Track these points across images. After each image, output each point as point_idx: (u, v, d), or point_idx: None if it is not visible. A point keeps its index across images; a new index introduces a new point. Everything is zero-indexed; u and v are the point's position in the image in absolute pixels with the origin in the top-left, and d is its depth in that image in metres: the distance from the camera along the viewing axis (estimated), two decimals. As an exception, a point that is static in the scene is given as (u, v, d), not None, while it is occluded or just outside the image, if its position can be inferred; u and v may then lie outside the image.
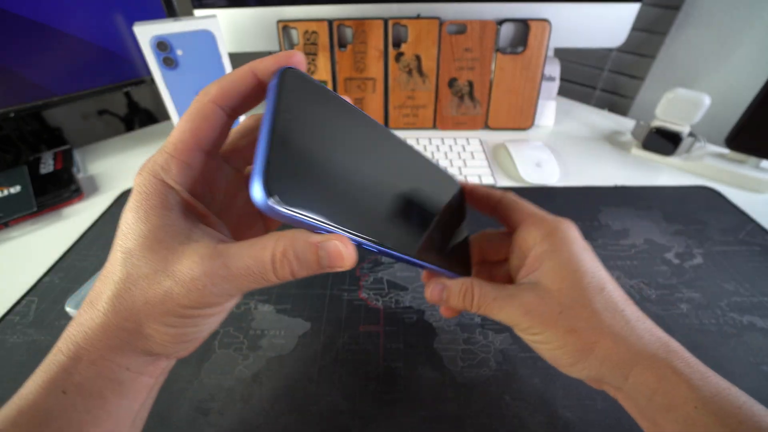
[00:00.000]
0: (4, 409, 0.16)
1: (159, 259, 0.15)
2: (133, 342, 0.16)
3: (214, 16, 0.51)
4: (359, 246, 0.17)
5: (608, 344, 0.19)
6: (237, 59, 0.58)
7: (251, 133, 0.20)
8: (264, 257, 0.15)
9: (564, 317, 0.19)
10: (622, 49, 0.77)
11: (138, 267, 0.15)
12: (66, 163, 0.56)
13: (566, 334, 0.19)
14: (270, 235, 0.16)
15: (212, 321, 0.17)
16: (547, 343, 0.20)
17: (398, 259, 0.19)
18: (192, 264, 0.15)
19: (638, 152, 0.59)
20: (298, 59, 0.17)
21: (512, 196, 0.24)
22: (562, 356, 0.20)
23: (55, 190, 0.50)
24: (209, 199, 0.18)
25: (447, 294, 0.22)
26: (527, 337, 0.21)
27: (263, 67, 0.16)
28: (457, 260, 0.24)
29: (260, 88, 0.17)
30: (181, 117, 0.16)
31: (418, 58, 0.61)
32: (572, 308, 0.19)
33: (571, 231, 0.21)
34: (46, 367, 0.16)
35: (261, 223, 0.21)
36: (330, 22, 0.58)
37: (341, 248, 0.16)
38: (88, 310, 0.16)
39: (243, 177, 0.20)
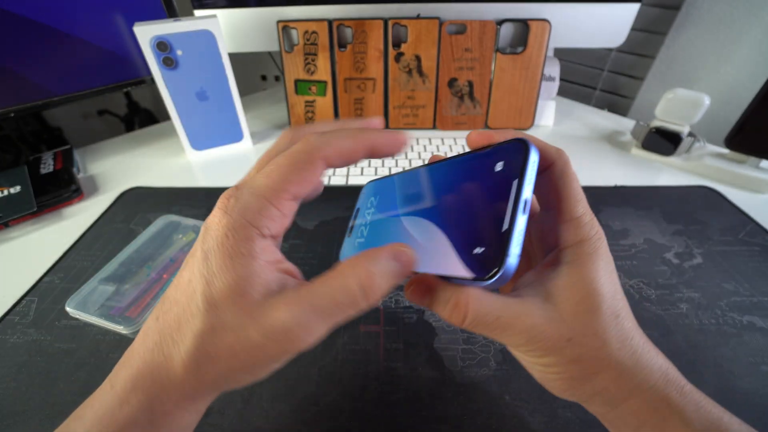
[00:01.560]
0: None
1: (246, 314, 0.15)
2: (209, 390, 0.16)
3: (214, 16, 0.51)
4: None
5: (610, 376, 0.17)
6: (237, 59, 0.58)
7: None
8: (349, 284, 0.15)
9: (572, 345, 0.17)
10: (622, 49, 0.77)
11: (224, 320, 0.15)
12: (66, 163, 0.56)
13: (570, 362, 0.17)
14: (342, 267, 0.16)
15: None
16: (545, 366, 0.18)
17: None
18: (281, 315, 0.15)
19: (638, 152, 0.59)
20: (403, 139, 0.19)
21: (566, 165, 0.19)
22: (556, 381, 0.18)
23: (55, 190, 0.50)
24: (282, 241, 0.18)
25: (430, 299, 0.18)
26: (523, 356, 0.19)
27: (380, 142, 0.18)
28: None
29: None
30: (283, 160, 0.17)
31: (418, 58, 0.61)
32: (583, 336, 0.17)
33: (602, 244, 0.19)
34: (110, 415, 0.15)
35: None
36: (330, 22, 0.58)
37: (402, 247, 0.17)
38: (159, 355, 0.16)
39: None
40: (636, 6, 0.58)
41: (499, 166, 0.18)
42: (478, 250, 0.16)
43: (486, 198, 0.17)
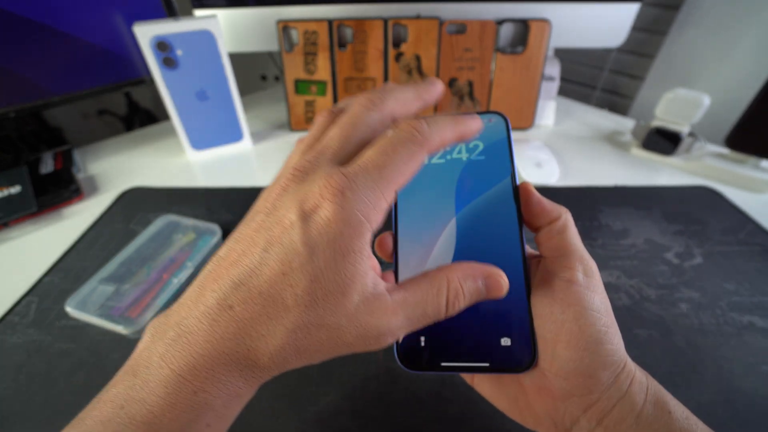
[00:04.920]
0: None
1: (345, 316, 0.15)
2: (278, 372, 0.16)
3: (214, 16, 0.51)
4: None
5: (620, 358, 0.18)
6: (237, 59, 0.58)
7: None
8: (441, 301, 0.16)
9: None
10: (622, 49, 0.77)
11: (322, 319, 0.15)
12: (66, 163, 0.56)
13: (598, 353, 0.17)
14: (436, 278, 0.17)
15: None
16: (570, 363, 0.18)
17: None
18: (377, 322, 0.15)
19: (638, 152, 0.59)
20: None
21: (568, 222, 0.19)
22: (578, 377, 0.17)
23: (55, 190, 0.50)
24: None
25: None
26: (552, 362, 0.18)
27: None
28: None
29: None
30: (392, 150, 0.16)
31: (417, 58, 0.60)
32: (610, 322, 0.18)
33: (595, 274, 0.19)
34: (183, 402, 0.14)
35: None
36: (330, 22, 0.58)
37: (500, 278, 0.17)
38: (242, 347, 0.15)
39: None
40: (636, 6, 0.58)
41: None
42: None
43: None
